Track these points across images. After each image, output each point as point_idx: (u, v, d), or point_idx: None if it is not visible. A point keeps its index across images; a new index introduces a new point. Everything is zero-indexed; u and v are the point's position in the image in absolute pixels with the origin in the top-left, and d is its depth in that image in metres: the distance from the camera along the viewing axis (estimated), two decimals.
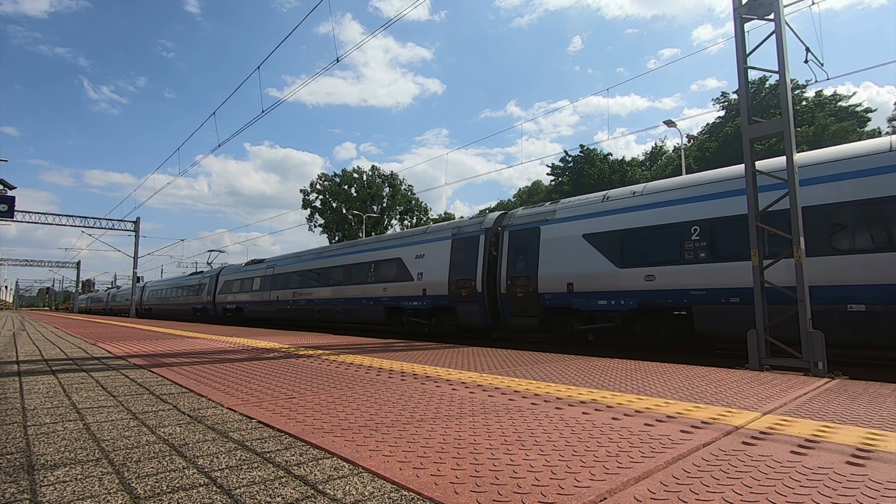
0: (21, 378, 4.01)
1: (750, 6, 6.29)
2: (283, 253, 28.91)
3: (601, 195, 10.80)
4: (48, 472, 1.73)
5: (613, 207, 10.12)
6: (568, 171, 53.13)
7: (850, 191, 7.39)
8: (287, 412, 2.67)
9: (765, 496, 1.52)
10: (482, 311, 11.98)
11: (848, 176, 7.49)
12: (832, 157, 7.85)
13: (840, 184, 7.51)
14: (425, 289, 13.46)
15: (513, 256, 11.44)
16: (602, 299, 9.72)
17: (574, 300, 10.18)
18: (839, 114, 39.31)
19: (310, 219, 61.12)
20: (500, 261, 11.68)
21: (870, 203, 7.18)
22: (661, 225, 9.20)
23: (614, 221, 9.91)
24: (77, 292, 67.16)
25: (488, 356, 5.58)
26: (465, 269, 12.46)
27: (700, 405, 2.89)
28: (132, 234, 33.94)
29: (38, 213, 31.31)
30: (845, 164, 7.60)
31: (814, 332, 5.43)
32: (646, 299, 9.15)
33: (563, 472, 1.72)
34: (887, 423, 2.51)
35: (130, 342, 7.84)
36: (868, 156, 7.43)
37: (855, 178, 7.42)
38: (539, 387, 3.49)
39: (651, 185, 10.08)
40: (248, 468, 1.76)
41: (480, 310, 12.01)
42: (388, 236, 16.89)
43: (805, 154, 8.30)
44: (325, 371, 4.35)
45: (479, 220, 12.96)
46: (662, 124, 26.08)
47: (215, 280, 28.49)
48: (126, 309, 40.11)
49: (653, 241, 9.25)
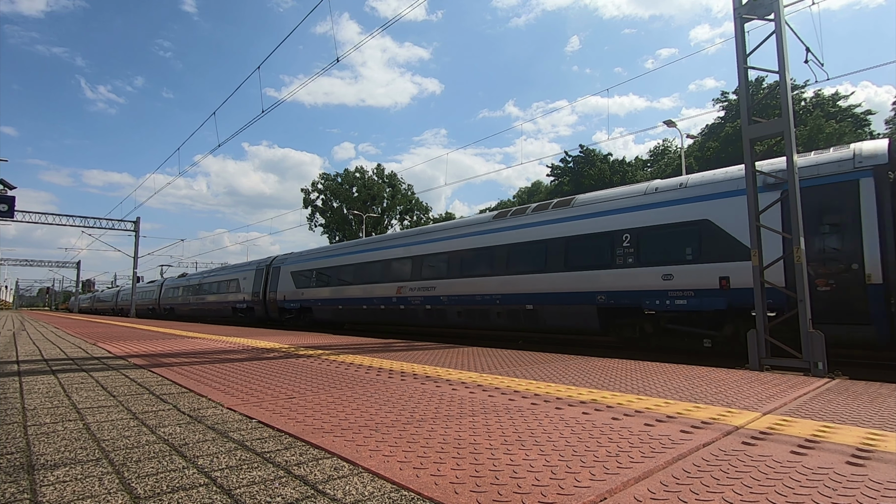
0: (21, 378, 4.01)
1: (750, 6, 6.29)
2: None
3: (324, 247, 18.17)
4: (48, 472, 1.73)
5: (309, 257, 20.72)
6: (568, 172, 53.14)
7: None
8: (287, 412, 2.67)
9: (765, 496, 1.52)
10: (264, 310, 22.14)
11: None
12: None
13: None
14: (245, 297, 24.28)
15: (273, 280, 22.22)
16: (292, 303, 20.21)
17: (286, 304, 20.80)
18: (838, 115, 39.28)
19: (310, 218, 61.14)
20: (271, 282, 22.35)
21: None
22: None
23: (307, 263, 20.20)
24: (77, 292, 67.14)
25: (488, 356, 5.58)
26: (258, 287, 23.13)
27: (700, 405, 2.89)
28: (132, 234, 33.95)
29: (38, 213, 31.31)
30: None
31: (814, 332, 5.43)
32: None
33: (563, 472, 1.72)
34: (887, 423, 2.51)
35: (130, 342, 7.84)
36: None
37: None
38: (539, 387, 3.49)
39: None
40: (248, 468, 1.76)
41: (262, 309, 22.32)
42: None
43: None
44: (325, 371, 4.35)
45: (266, 259, 23.87)
46: (662, 124, 26.09)
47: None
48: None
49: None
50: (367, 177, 62.25)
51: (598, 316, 10.26)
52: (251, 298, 23.22)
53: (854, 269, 7.38)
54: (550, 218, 11.53)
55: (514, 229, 12.18)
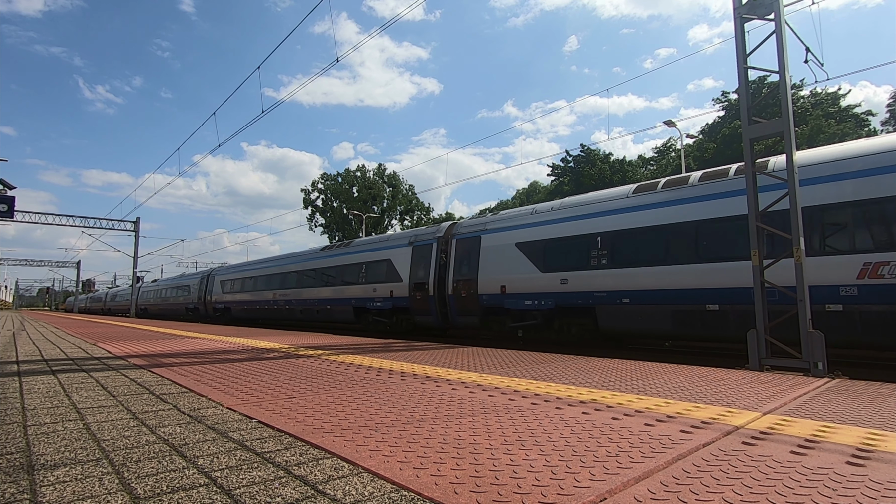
0: (21, 378, 4.01)
1: (750, 6, 6.29)
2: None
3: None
4: (48, 472, 1.73)
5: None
6: (569, 172, 53.15)
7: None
8: (287, 412, 2.67)
9: (765, 496, 1.52)
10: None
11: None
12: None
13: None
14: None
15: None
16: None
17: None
18: (838, 115, 39.26)
19: (310, 218, 61.12)
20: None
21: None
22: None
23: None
24: (77, 292, 67.12)
25: (488, 356, 5.58)
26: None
27: (700, 405, 2.89)
28: (132, 234, 33.94)
29: (38, 213, 31.28)
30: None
31: (814, 332, 5.43)
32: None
33: (563, 472, 1.72)
34: (887, 423, 2.51)
35: (130, 342, 7.84)
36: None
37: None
38: (539, 387, 3.49)
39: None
40: (248, 468, 1.76)
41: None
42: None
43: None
44: (325, 371, 4.35)
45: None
46: (662, 124, 26.08)
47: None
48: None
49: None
50: (367, 176, 62.24)
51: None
52: (196, 300, 30.04)
53: (426, 288, 13.74)
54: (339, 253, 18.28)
55: (332, 257, 18.82)
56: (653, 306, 9.14)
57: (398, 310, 14.77)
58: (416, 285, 14.05)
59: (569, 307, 10.34)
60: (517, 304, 11.30)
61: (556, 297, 10.51)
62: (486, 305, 12.02)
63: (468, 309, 12.47)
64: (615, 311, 9.58)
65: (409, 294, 14.21)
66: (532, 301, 10.92)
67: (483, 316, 12.12)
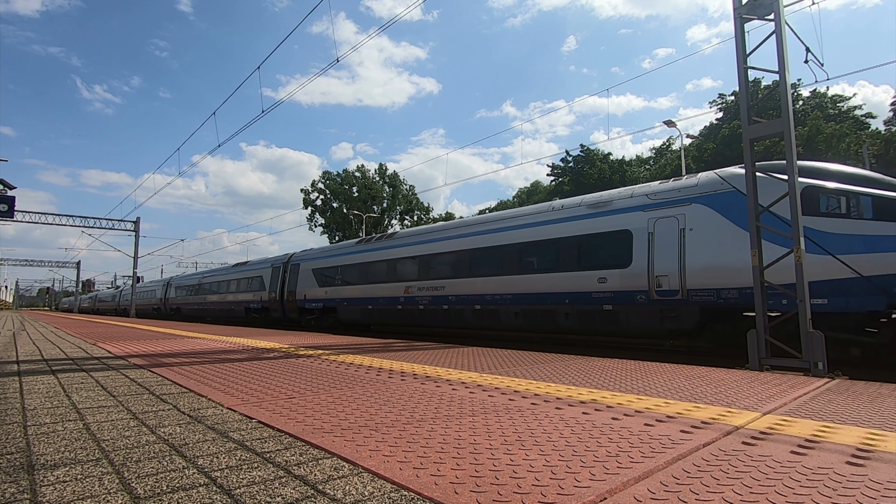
0: (21, 378, 4.01)
1: (750, 6, 6.29)
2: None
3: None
4: (48, 472, 1.73)
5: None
6: (568, 172, 53.16)
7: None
8: (287, 412, 2.67)
9: (765, 496, 1.52)
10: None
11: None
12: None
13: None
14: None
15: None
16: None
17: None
18: (838, 117, 39.27)
19: (310, 218, 61.09)
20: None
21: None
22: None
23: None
24: (78, 292, 67.11)
25: (488, 356, 5.58)
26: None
27: (700, 405, 2.89)
28: (132, 234, 33.95)
29: (38, 213, 31.29)
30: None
31: (814, 333, 5.43)
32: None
33: (563, 472, 1.72)
34: (887, 423, 2.51)
35: (130, 342, 7.84)
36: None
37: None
38: (539, 387, 3.49)
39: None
40: (248, 468, 1.76)
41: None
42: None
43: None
44: (325, 371, 4.35)
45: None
46: (662, 124, 26.10)
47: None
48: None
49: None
50: (368, 176, 62.23)
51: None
52: (158, 302, 36.23)
53: (275, 296, 20.70)
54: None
55: (234, 272, 26.56)
56: (359, 308, 16.18)
57: (264, 309, 21.88)
58: (272, 294, 21.28)
59: (328, 307, 17.72)
60: (309, 305, 18.73)
61: (324, 301, 17.89)
62: (300, 307, 19.27)
63: (293, 309, 19.68)
64: (343, 309, 16.93)
65: (268, 299, 21.49)
66: (315, 303, 18.42)
67: (299, 314, 19.35)
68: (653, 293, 9.12)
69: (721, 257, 8.30)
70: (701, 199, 8.83)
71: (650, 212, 9.49)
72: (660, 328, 9.20)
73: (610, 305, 9.70)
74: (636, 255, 9.39)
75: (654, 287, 9.12)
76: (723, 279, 8.25)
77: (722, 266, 8.28)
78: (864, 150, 30.22)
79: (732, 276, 8.09)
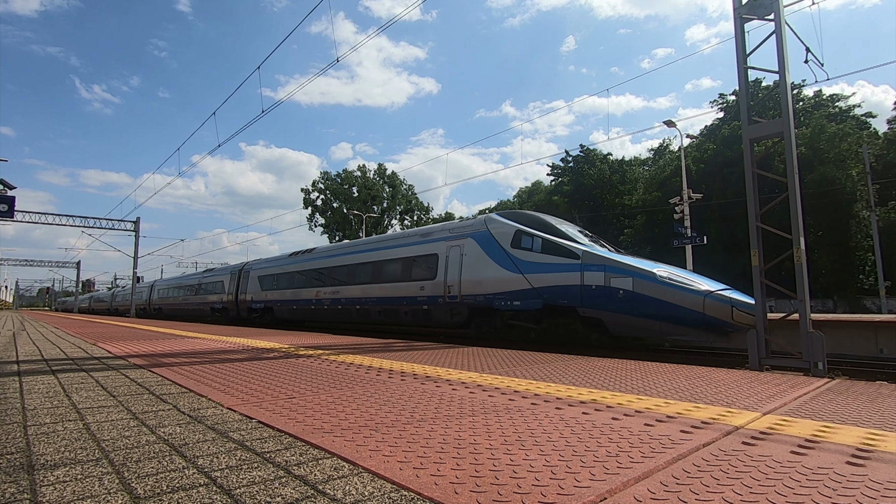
0: (21, 378, 4.01)
1: (750, 6, 6.29)
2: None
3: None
4: (48, 472, 1.73)
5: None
6: (568, 172, 53.14)
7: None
8: (287, 412, 2.67)
9: (765, 496, 1.52)
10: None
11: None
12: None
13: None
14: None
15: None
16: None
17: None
18: (838, 116, 39.25)
19: (310, 218, 61.09)
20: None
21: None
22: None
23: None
24: (78, 292, 67.10)
25: (488, 356, 5.58)
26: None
27: (700, 405, 2.89)
28: (132, 234, 33.95)
29: (38, 213, 31.31)
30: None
31: (814, 333, 5.43)
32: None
33: (563, 472, 1.72)
34: (887, 423, 2.51)
35: (130, 342, 7.84)
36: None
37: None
38: (539, 387, 3.49)
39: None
40: (248, 468, 1.76)
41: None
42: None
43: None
44: (325, 371, 4.35)
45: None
46: (661, 124, 26.09)
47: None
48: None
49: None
50: (368, 176, 62.20)
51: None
52: (144, 304, 39.63)
53: (232, 298, 24.76)
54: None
55: (200, 277, 31.45)
56: (287, 307, 19.92)
57: (224, 309, 25.61)
58: (229, 296, 25.19)
59: (268, 307, 21.35)
60: (255, 305, 22.47)
61: (265, 302, 21.59)
62: (248, 307, 22.96)
63: (244, 308, 23.44)
64: (277, 309, 20.59)
65: (227, 300, 25.29)
66: (258, 304, 22.15)
67: (248, 312, 23.02)
68: (446, 297, 12.76)
69: (478, 274, 12.04)
70: (472, 235, 12.63)
71: (448, 242, 13.23)
72: (450, 321, 12.83)
73: (426, 306, 13.33)
74: (439, 271, 13.11)
75: (446, 293, 12.78)
76: (480, 289, 11.95)
77: (478, 280, 12.01)
78: (864, 149, 30.22)
79: (484, 286, 11.87)
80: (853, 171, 33.44)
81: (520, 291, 11.19)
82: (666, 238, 29.92)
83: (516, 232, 11.64)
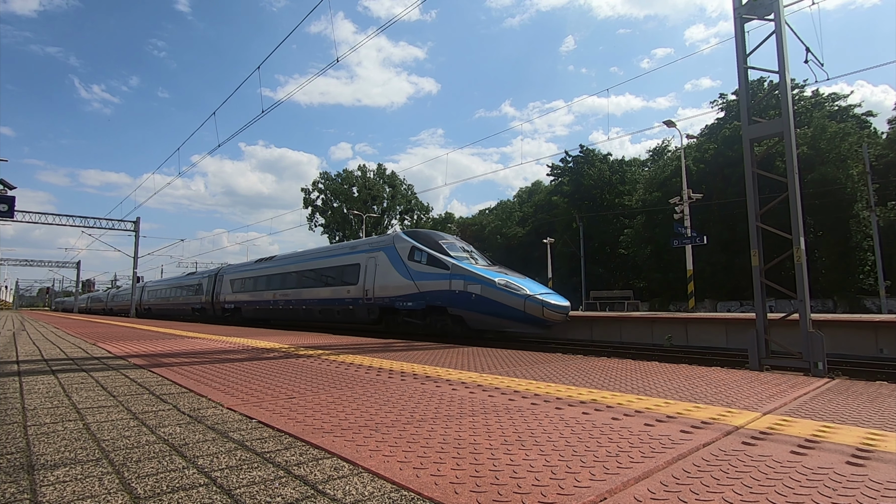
0: (21, 378, 4.01)
1: (750, 6, 6.30)
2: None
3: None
4: (48, 472, 1.73)
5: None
6: (568, 172, 53.15)
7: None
8: (287, 412, 2.67)
9: (765, 496, 1.52)
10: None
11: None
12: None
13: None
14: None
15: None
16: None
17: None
18: (838, 116, 39.23)
19: (310, 218, 61.07)
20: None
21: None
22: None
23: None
24: (77, 292, 67.10)
25: (488, 356, 5.58)
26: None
27: (700, 405, 2.89)
28: (132, 234, 33.95)
29: (38, 213, 31.34)
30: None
31: (814, 333, 5.43)
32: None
33: (563, 472, 1.72)
34: (887, 423, 2.51)
35: (130, 342, 7.84)
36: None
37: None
38: (539, 387, 3.49)
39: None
40: (248, 468, 1.76)
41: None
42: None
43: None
44: (325, 371, 4.35)
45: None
46: (660, 124, 26.09)
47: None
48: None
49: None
50: (367, 176, 62.19)
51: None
52: (135, 303, 41.66)
53: (209, 299, 27.99)
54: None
55: (182, 279, 35.59)
56: (252, 307, 23.15)
57: (203, 309, 28.50)
58: (206, 297, 27.99)
59: (237, 307, 24.32)
60: (227, 306, 25.37)
61: (235, 302, 24.75)
62: (222, 307, 26.05)
63: (219, 308, 26.44)
64: (244, 309, 23.50)
65: (205, 301, 28.21)
66: (229, 304, 25.17)
67: (222, 312, 26.00)
68: (365, 299, 16.03)
69: (386, 280, 15.32)
70: (384, 248, 15.93)
71: (367, 254, 16.62)
72: (368, 318, 16.11)
73: (351, 306, 16.76)
74: (360, 278, 16.45)
75: (365, 296, 16.05)
76: (387, 292, 15.21)
77: (386, 285, 15.28)
78: (865, 149, 30.22)
79: (389, 291, 15.16)
80: (853, 170, 33.44)
81: (412, 294, 14.44)
82: (666, 238, 29.93)
83: (411, 248, 14.85)
